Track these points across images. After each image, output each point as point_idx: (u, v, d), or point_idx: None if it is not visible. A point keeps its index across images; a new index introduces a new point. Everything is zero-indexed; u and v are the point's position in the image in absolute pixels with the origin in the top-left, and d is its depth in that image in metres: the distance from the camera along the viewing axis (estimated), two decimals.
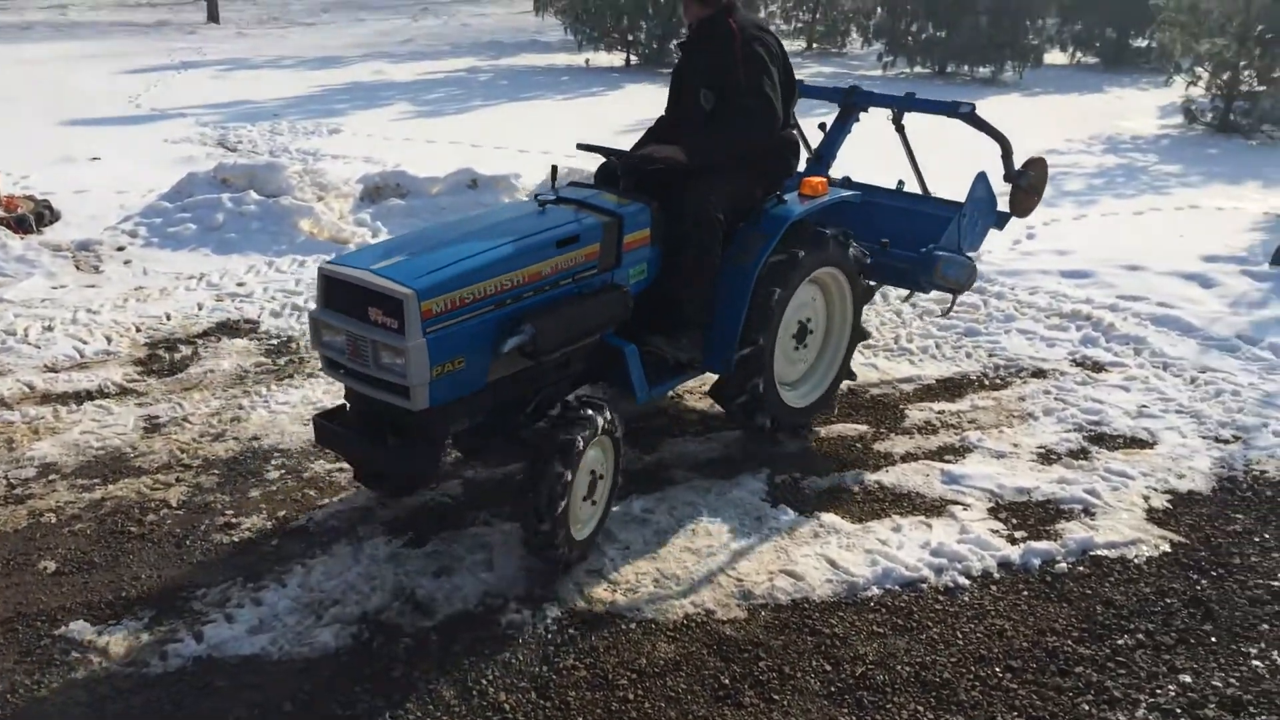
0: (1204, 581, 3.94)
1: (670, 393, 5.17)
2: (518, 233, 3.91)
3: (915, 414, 5.29)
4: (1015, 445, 4.97)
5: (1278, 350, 6.11)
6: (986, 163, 5.58)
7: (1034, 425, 5.18)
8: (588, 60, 21.08)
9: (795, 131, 4.94)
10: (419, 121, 13.64)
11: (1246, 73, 16.44)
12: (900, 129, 5.77)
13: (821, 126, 5.91)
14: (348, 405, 3.98)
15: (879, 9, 24.97)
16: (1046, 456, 4.88)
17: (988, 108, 5.63)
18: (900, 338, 6.24)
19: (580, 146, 4.74)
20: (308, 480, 4.47)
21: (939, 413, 5.32)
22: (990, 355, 6.03)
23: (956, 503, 4.44)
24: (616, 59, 21.58)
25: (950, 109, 5.52)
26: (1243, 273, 7.43)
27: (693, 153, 4.35)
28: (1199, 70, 17.17)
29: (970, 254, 5.55)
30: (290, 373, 5.54)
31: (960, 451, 4.90)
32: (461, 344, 3.61)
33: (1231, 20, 16.23)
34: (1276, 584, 3.94)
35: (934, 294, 5.93)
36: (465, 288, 3.60)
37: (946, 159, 6.44)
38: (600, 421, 3.80)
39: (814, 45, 27.27)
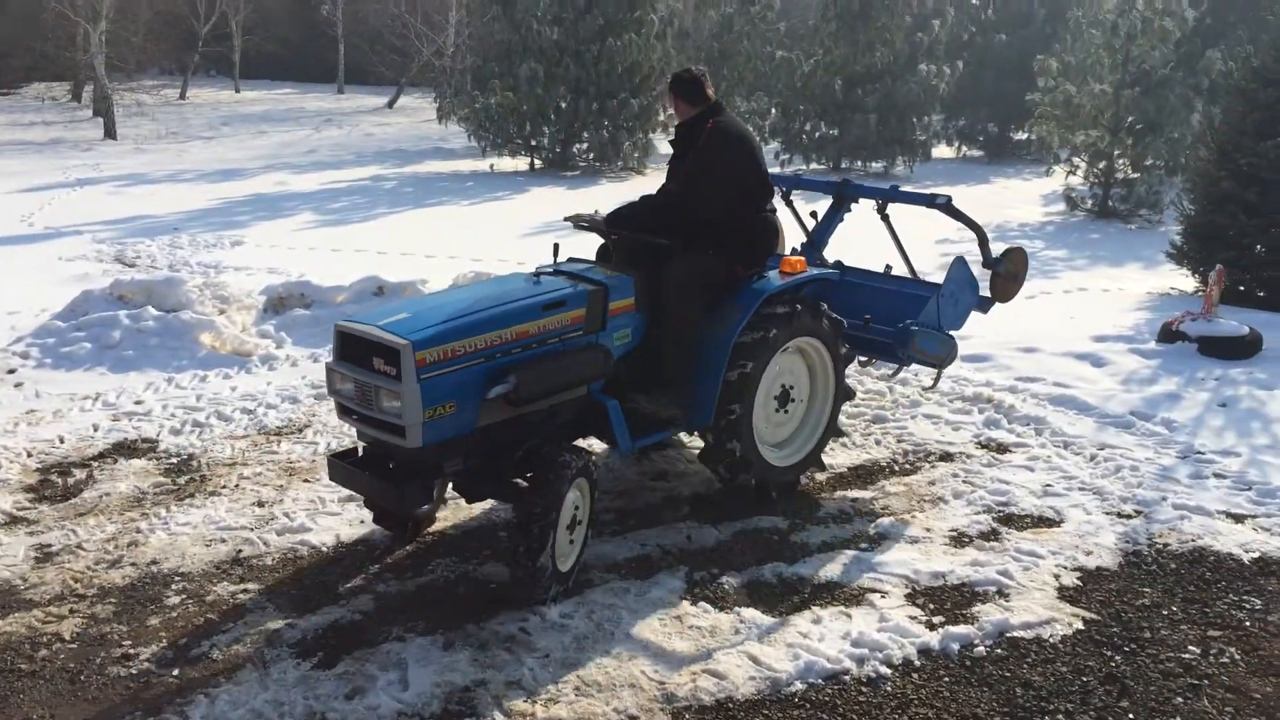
0: (1118, 658, 3.99)
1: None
2: (511, 297, 4.50)
3: (830, 503, 5.33)
4: (928, 530, 5.03)
5: (1170, 425, 6.34)
6: (968, 247, 5.88)
7: (945, 509, 5.26)
8: (492, 165, 21.35)
9: (777, 217, 5.41)
10: (324, 231, 13.59)
11: (1121, 161, 17.37)
12: (885, 218, 6.29)
13: (813, 214, 6.51)
14: (360, 449, 4.52)
15: (773, 110, 25.84)
16: (959, 539, 4.94)
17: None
18: None
19: (568, 219, 5.28)
20: (210, 604, 4.29)
21: (853, 501, 5.37)
22: (899, 441, 6.13)
23: (874, 590, 4.45)
24: (521, 164, 21.90)
25: (928, 201, 6.05)
26: (1131, 351, 7.74)
27: (649, 213, 5.10)
28: (1076, 160, 18.08)
29: (951, 332, 5.89)
30: (191, 492, 5.36)
31: (875, 539, 4.94)
32: (452, 390, 4.13)
33: (1103, 113, 17.19)
34: (1187, 656, 4.01)
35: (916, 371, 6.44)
36: (456, 341, 4.16)
37: (937, 245, 6.66)
38: (578, 465, 4.29)
39: None
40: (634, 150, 21.77)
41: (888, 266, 6.32)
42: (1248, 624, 4.25)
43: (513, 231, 13.86)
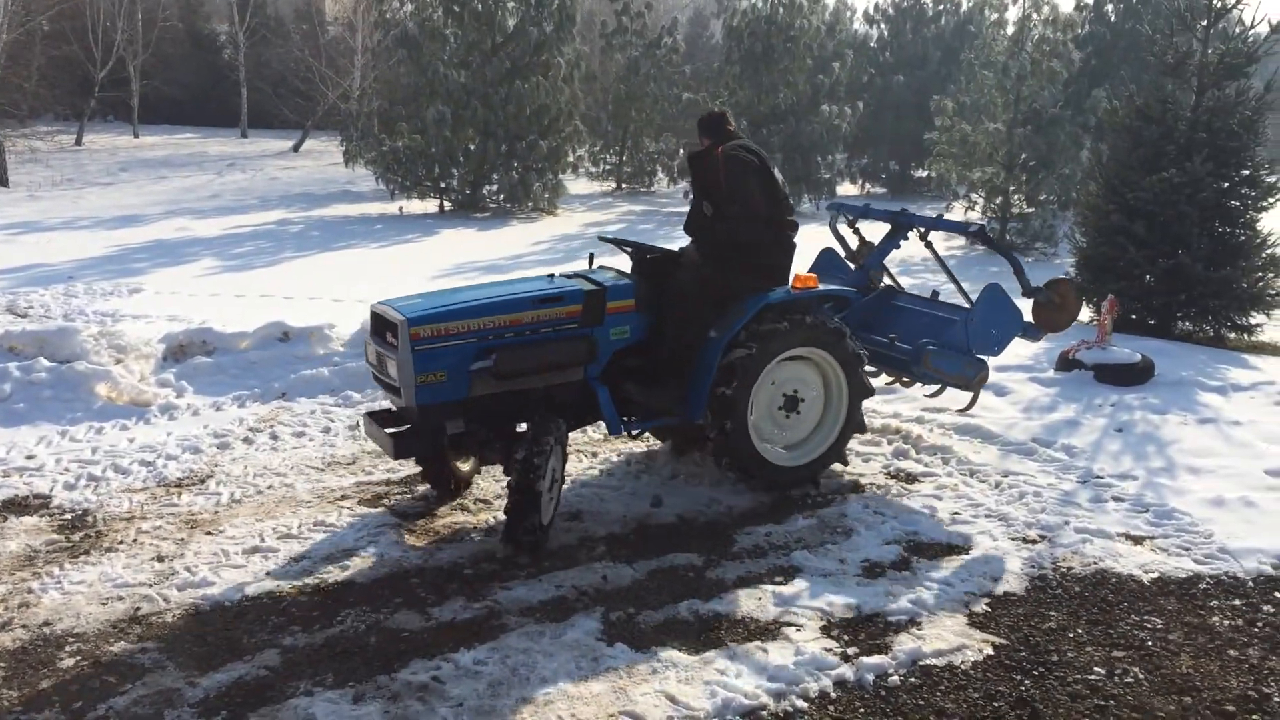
0: (1027, 682, 4.06)
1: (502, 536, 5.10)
2: (514, 292, 5.38)
3: (745, 538, 5.35)
4: (841, 561, 5.07)
5: (1070, 450, 6.52)
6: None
7: (857, 539, 5.31)
8: (401, 208, 21.19)
9: (792, 237, 5.87)
10: (227, 276, 13.30)
11: (1016, 196, 17.97)
12: (928, 244, 6.92)
13: (855, 229, 7.32)
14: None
15: (680, 150, 26.18)
16: (872, 570, 4.99)
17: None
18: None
19: (602, 239, 6.17)
20: (106, 665, 4.11)
21: (767, 534, 5.39)
22: None
23: (790, 624, 4.47)
24: (431, 206, 21.78)
25: (962, 229, 6.57)
26: (1031, 379, 7.96)
27: (704, 248, 5.81)
28: (974, 196, 18.65)
29: (984, 356, 6.26)
30: (86, 549, 5.15)
31: (790, 571, 4.96)
32: (442, 362, 5.02)
33: (998, 150, 17.79)
34: (1093, 678, 4.10)
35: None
36: (450, 322, 5.05)
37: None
38: (561, 435, 5.09)
39: (623, 186, 28.26)
40: (544, 191, 21.83)
41: (935, 292, 6.98)
42: (1150, 643, 4.36)
43: (424, 274, 13.74)
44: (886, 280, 7.25)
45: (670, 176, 27.28)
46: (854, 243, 7.47)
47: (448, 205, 21.80)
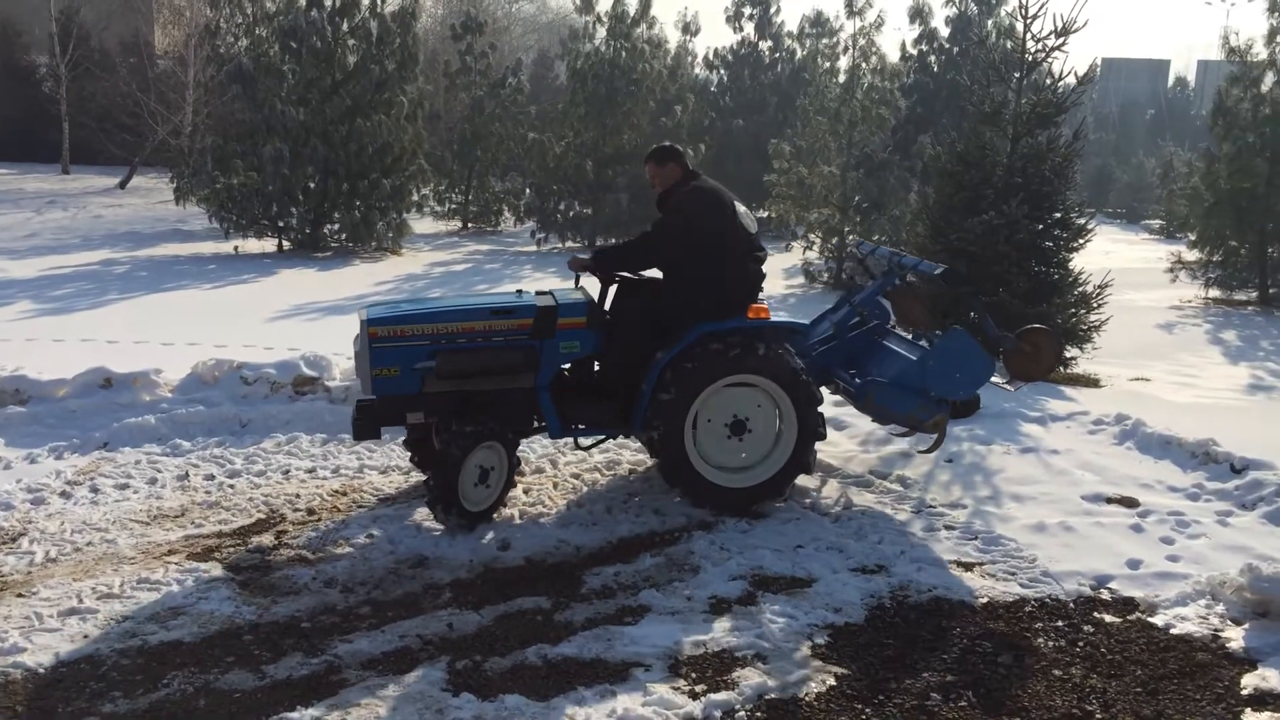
0: (868, 710, 4.17)
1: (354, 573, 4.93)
2: (472, 303, 6.12)
3: (592, 579, 5.32)
4: (689, 599, 5.10)
5: (904, 482, 6.76)
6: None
7: (704, 576, 5.35)
8: (236, 247, 20.50)
9: (759, 269, 6.23)
10: (44, 320, 12.55)
11: (851, 236, 18.66)
12: (908, 285, 7.06)
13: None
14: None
15: (527, 190, 26.22)
16: (718, 606, 5.04)
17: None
18: (574, 502, 6.31)
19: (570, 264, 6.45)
20: None
21: (615, 574, 5.38)
22: (656, 513, 6.21)
23: (638, 664, 4.46)
24: (269, 245, 21.14)
25: (930, 270, 6.52)
26: None
27: (624, 249, 6.49)
28: (812, 236, 19.29)
29: (945, 398, 6.23)
30: None
31: (638, 611, 4.96)
32: (395, 359, 5.79)
33: (833, 193, 18.47)
34: (930, 703, 4.23)
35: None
36: (405, 325, 5.80)
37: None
38: (486, 433, 5.70)
39: (469, 225, 28.08)
40: (388, 230, 21.49)
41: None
42: (981, 667, 4.54)
43: (260, 315, 13.30)
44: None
45: (517, 216, 27.26)
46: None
47: (287, 244, 21.19)
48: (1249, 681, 4.45)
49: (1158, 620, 5.01)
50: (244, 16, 21.31)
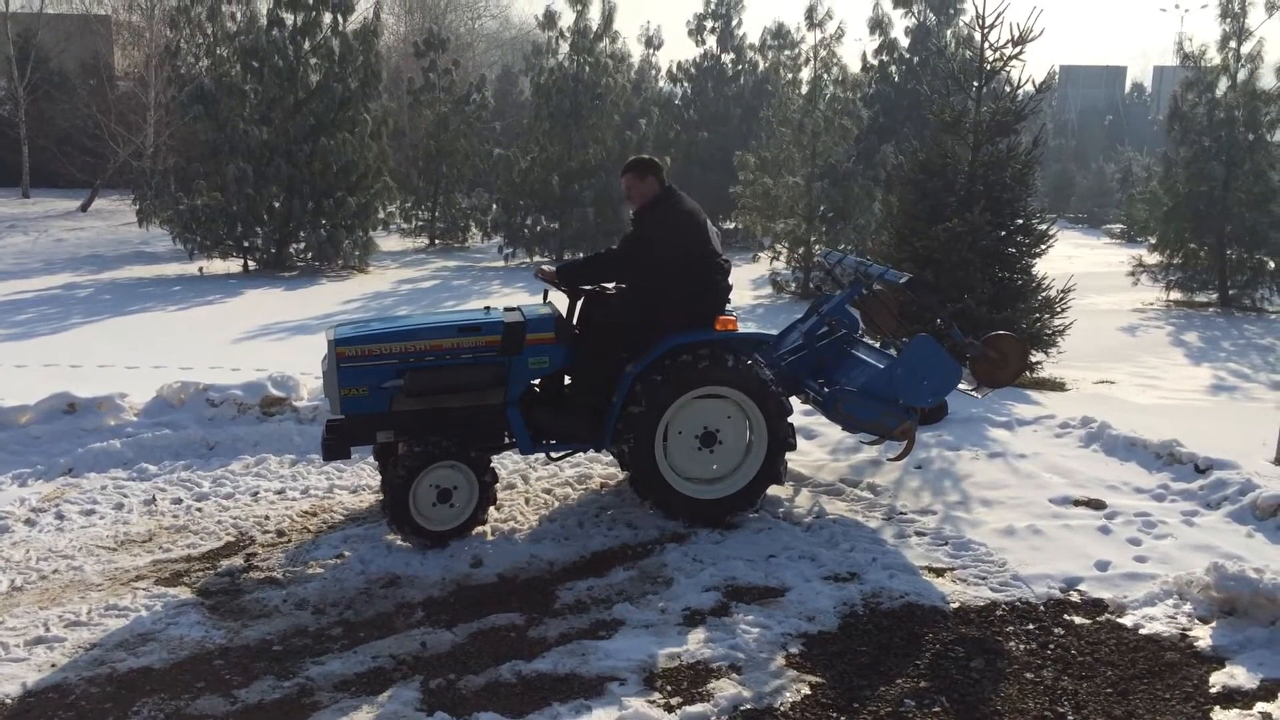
0: (843, 718, 4.18)
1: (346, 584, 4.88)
2: (441, 321, 6.11)
3: (566, 594, 5.31)
4: (663, 611, 5.10)
5: (875, 489, 6.80)
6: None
7: (677, 589, 5.35)
8: (201, 268, 20.35)
9: (725, 282, 6.25)
10: (6, 346, 12.40)
11: (817, 246, 18.77)
12: (875, 294, 7.18)
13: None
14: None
15: (494, 205, 26.19)
16: (692, 618, 5.04)
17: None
18: (547, 517, 6.30)
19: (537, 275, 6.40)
20: None
21: (588, 589, 5.37)
22: (628, 526, 6.21)
23: (613, 678, 4.45)
24: (234, 265, 21.00)
25: (896, 278, 6.56)
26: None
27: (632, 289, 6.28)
28: (778, 246, 19.39)
29: (913, 406, 6.26)
30: None
31: (612, 624, 4.96)
32: (363, 379, 5.76)
33: (798, 203, 18.59)
34: (904, 710, 4.25)
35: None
36: (373, 345, 5.78)
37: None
38: (438, 453, 5.65)
39: (436, 241, 28.00)
40: (355, 249, 21.41)
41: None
42: (953, 672, 4.57)
43: (226, 336, 13.20)
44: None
45: (484, 231, 27.22)
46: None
47: (253, 264, 21.07)
48: (1217, 679, 4.51)
49: (1127, 621, 5.07)
50: (205, 37, 21.22)
